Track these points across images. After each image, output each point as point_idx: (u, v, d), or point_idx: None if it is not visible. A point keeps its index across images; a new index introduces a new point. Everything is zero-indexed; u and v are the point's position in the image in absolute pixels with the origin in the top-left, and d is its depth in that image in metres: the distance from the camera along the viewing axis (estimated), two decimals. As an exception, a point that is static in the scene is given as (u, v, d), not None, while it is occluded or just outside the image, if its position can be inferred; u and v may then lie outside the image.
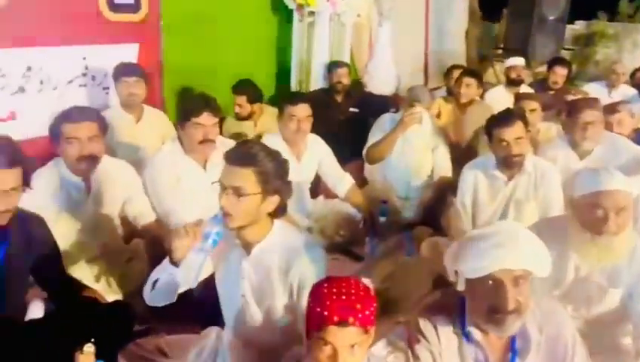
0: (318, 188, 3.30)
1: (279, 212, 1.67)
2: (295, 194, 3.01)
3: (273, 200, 1.61)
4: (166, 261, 1.58)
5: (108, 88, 3.43)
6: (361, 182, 3.54)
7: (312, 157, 3.04)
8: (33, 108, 3.06)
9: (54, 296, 1.93)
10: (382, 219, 3.09)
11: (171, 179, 2.45)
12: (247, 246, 1.67)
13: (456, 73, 4.35)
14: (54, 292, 1.93)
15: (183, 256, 1.54)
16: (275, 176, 1.59)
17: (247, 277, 1.68)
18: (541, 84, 5.09)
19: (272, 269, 1.65)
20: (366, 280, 1.37)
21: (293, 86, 4.62)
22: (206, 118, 2.41)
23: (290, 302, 1.66)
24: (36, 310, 1.93)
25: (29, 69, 3.03)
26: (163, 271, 1.60)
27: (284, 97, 2.97)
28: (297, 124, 2.82)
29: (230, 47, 4.18)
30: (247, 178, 1.55)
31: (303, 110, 2.83)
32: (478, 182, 2.68)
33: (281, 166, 1.63)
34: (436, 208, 3.07)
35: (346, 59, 4.71)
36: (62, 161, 2.23)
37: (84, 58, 3.30)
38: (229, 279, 1.73)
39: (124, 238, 2.53)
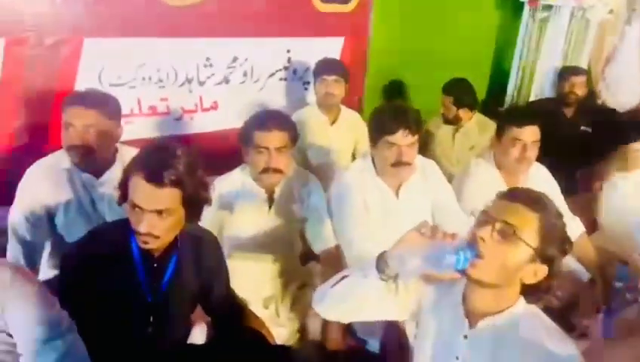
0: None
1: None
2: None
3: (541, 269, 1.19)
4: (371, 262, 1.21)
5: (308, 83, 3.23)
6: (588, 224, 2.77)
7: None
8: (234, 99, 2.99)
9: (217, 323, 1.73)
10: (618, 284, 2.34)
11: (358, 204, 2.09)
12: (473, 315, 1.24)
13: None
14: (217, 318, 1.72)
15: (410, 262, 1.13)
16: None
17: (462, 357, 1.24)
18: None
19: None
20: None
21: (510, 92, 3.94)
22: (401, 137, 1.98)
23: None
24: (198, 334, 1.76)
25: (234, 59, 2.95)
26: (360, 272, 1.24)
27: (508, 114, 2.38)
28: (521, 151, 2.22)
29: (445, 42, 3.70)
30: (530, 222, 1.17)
31: (531, 134, 2.22)
32: None
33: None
34: None
35: (584, 65, 3.84)
36: (247, 168, 2.03)
37: (288, 51, 3.13)
38: (440, 339, 1.31)
39: (300, 258, 2.28)
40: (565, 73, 3.55)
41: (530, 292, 1.21)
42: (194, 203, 1.43)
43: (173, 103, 2.83)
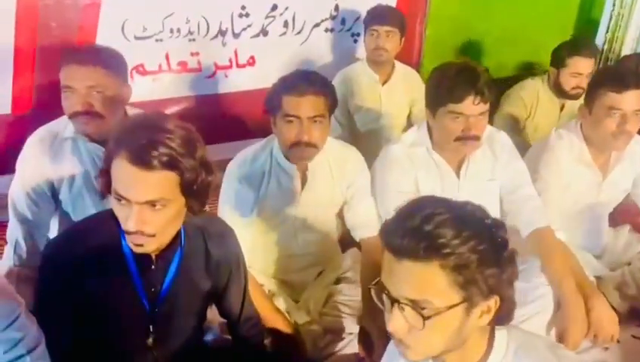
0: (620, 210, 2.20)
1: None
2: (586, 221, 2.09)
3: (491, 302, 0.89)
4: None
5: (358, 35, 2.83)
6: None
7: (626, 171, 1.96)
8: (274, 54, 2.65)
9: (234, 328, 1.47)
10: None
11: (408, 185, 1.74)
12: None
13: None
14: (235, 324, 1.46)
15: None
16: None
17: None
18: None
19: None
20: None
21: (599, 45, 3.34)
22: (470, 106, 1.58)
23: None
24: (209, 337, 1.51)
25: (274, 7, 2.59)
26: None
27: (602, 75, 1.88)
28: (620, 123, 1.76)
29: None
30: (435, 282, 0.86)
31: (633, 101, 1.75)
32: None
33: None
34: None
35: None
36: (275, 141, 1.71)
37: (336, -3, 2.73)
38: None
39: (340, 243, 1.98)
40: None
41: (496, 321, 0.92)
42: (196, 189, 1.13)
43: (205, 59, 2.54)
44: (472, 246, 0.83)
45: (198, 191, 1.14)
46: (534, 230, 1.74)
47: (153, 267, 1.22)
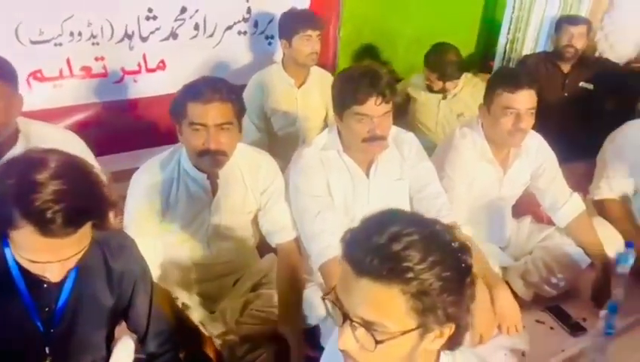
0: (521, 203, 2.33)
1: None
2: (491, 214, 2.20)
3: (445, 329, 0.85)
4: None
5: (272, 38, 2.82)
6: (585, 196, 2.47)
7: (524, 166, 2.08)
8: (185, 58, 2.58)
9: (143, 345, 1.42)
10: (621, 269, 2.05)
11: (319, 188, 1.75)
12: None
13: None
14: (145, 337, 1.41)
15: None
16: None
17: None
18: None
19: None
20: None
21: (502, 45, 3.54)
22: (373, 107, 1.62)
23: None
24: (122, 353, 1.44)
25: (183, 10, 2.52)
26: None
27: (497, 77, 1.99)
28: (515, 121, 1.87)
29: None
30: (393, 305, 0.80)
31: (525, 100, 1.86)
32: None
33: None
34: None
35: (584, 14, 3.44)
36: (183, 149, 1.66)
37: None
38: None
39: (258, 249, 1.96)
40: (563, 23, 3.15)
41: (447, 346, 0.89)
42: (101, 211, 1.07)
43: (112, 63, 2.43)
44: (437, 273, 0.78)
45: (103, 213, 1.09)
46: None
47: (45, 286, 1.15)
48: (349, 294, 0.81)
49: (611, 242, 2.11)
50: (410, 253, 0.77)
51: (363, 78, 1.64)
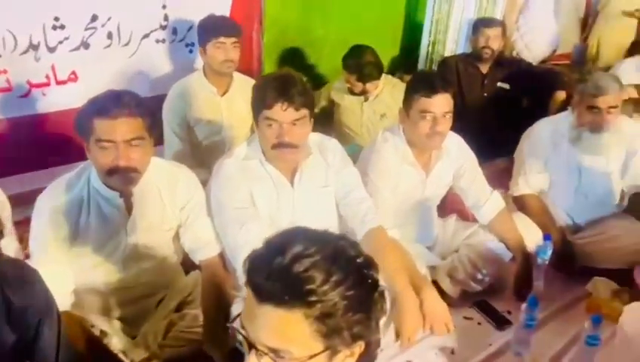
0: (446, 202, 2.39)
1: None
2: (416, 216, 2.23)
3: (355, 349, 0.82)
4: None
5: (193, 45, 2.74)
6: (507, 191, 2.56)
7: (446, 167, 2.12)
8: (99, 68, 2.45)
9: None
10: (540, 260, 2.14)
11: (242, 199, 1.70)
12: None
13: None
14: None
15: None
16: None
17: None
18: None
19: None
20: None
21: (424, 47, 3.63)
22: (280, 112, 1.59)
23: None
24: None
25: (94, 18, 2.40)
26: None
27: (414, 82, 2.02)
28: (432, 125, 1.91)
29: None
30: (296, 330, 0.77)
31: (442, 104, 1.89)
32: None
33: None
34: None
35: (499, 16, 3.59)
36: (92, 167, 1.57)
37: (164, 6, 2.60)
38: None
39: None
40: (479, 25, 3.27)
41: None
42: None
43: (16, 76, 2.27)
44: (341, 292, 0.75)
45: None
46: (367, 231, 1.82)
47: None
48: (252, 322, 0.78)
49: (531, 236, 2.21)
50: (312, 275, 0.74)
51: (273, 82, 1.62)
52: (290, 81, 1.62)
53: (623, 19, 4.25)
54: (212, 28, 2.42)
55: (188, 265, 1.89)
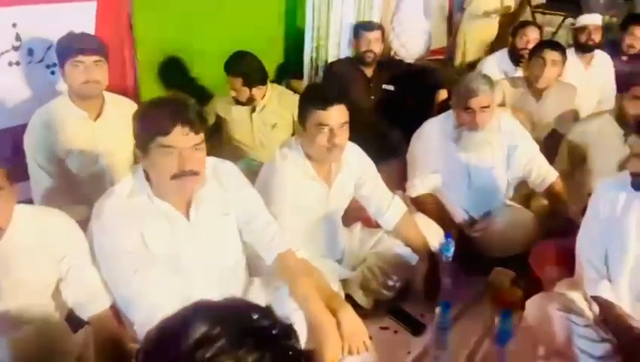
0: (349, 210, 2.35)
1: None
2: (323, 231, 2.15)
3: None
4: None
5: (54, 66, 2.42)
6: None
7: (347, 178, 2.08)
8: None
9: None
10: (444, 258, 2.19)
11: (131, 240, 1.51)
12: None
13: (531, 35, 3.31)
14: None
15: None
16: None
17: None
18: (612, 48, 4.01)
19: None
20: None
21: (308, 54, 3.59)
22: (181, 137, 1.44)
23: None
24: None
25: None
26: None
27: (307, 95, 1.95)
28: (330, 137, 1.85)
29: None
30: None
31: (338, 115, 1.84)
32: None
33: None
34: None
35: (377, 19, 3.67)
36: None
37: (14, 25, 2.27)
38: None
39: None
40: (359, 29, 3.32)
41: None
42: None
43: None
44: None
45: None
46: (276, 256, 1.71)
47: None
48: None
49: (433, 235, 2.25)
50: (221, 360, 0.64)
51: (167, 105, 1.47)
52: (186, 102, 1.47)
53: (486, 17, 4.58)
54: (69, 46, 2.13)
55: (74, 320, 1.65)
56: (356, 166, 2.11)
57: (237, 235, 1.74)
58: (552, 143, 2.73)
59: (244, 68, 2.72)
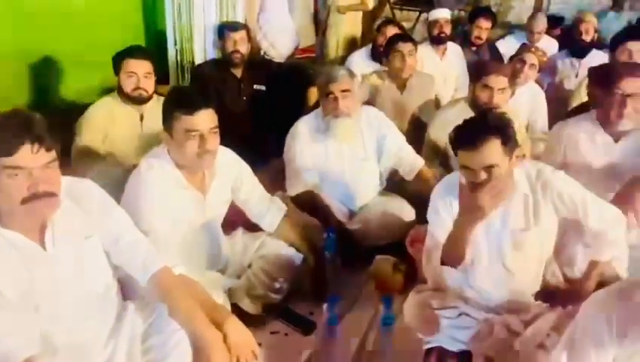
0: (228, 215, 2.27)
1: None
2: (202, 242, 2.00)
3: None
4: None
5: None
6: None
7: (222, 184, 2.01)
8: None
9: None
10: (329, 254, 2.21)
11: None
12: None
13: (390, 32, 3.46)
14: None
15: None
16: None
17: None
18: (462, 41, 4.37)
19: None
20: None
21: (172, 57, 3.43)
22: (28, 156, 1.30)
23: None
24: None
25: None
26: None
27: (171, 99, 1.83)
28: (200, 143, 1.76)
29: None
30: None
31: (206, 120, 1.76)
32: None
33: None
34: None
35: (241, 19, 3.61)
36: None
37: None
38: None
39: None
40: (224, 30, 3.22)
41: None
42: None
43: None
44: None
45: None
46: (151, 276, 1.59)
47: None
48: None
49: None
50: None
51: (9, 121, 1.30)
52: (32, 118, 1.32)
53: (350, 13, 4.70)
54: None
55: None
56: (231, 171, 2.04)
57: (104, 258, 1.59)
58: (417, 134, 2.87)
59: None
